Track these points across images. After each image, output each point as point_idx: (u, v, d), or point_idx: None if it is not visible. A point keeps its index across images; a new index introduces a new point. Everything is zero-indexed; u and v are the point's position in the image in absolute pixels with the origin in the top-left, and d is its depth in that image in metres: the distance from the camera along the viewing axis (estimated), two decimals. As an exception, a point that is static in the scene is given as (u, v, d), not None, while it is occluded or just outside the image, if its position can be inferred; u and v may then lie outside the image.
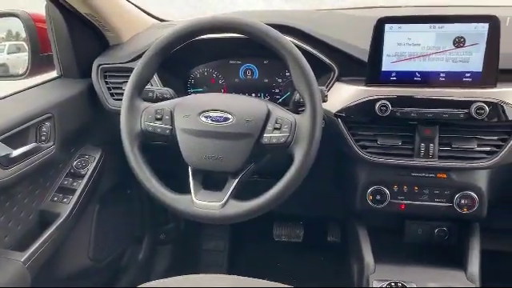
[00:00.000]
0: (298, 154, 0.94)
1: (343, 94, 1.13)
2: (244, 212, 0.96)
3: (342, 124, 1.12)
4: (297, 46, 1.13)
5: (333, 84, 1.16)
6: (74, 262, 1.35)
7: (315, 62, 1.17)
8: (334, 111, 1.12)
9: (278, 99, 1.32)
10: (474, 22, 1.00)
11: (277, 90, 1.32)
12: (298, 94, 0.98)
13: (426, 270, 1.15)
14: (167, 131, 1.01)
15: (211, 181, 1.04)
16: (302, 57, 0.95)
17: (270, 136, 0.96)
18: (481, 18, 1.00)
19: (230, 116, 0.98)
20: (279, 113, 0.99)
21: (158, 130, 1.01)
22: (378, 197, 1.16)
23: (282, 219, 1.95)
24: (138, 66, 1.02)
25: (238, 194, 1.00)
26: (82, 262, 1.37)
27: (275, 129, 0.96)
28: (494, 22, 0.99)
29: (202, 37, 1.19)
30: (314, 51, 1.17)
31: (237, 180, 0.99)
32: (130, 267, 1.63)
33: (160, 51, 1.01)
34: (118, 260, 1.59)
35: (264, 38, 0.95)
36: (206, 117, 0.99)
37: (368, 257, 1.18)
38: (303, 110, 0.96)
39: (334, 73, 1.17)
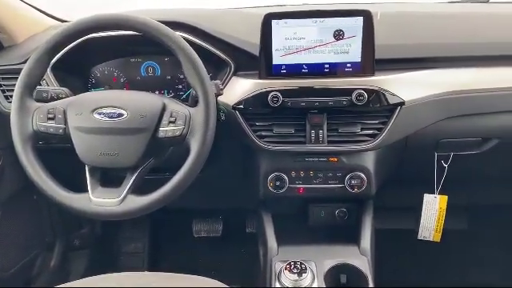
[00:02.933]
0: (194, 146, 0.98)
1: (239, 88, 1.18)
2: (143, 206, 0.98)
3: (239, 116, 1.17)
4: (193, 43, 1.18)
5: (230, 78, 1.21)
6: (-25, 274, 1.29)
7: (213, 58, 1.23)
8: (231, 104, 1.17)
9: (182, 95, 1.35)
10: (350, 16, 1.10)
11: (180, 87, 1.35)
12: None
13: (326, 249, 1.23)
14: (60, 130, 1.00)
15: (111, 178, 1.05)
16: (193, 51, 0.99)
17: (166, 130, 0.99)
18: (355, 12, 1.09)
19: (123, 112, 0.99)
20: (174, 106, 1.02)
21: (51, 130, 1.00)
22: (278, 183, 1.22)
23: (201, 216, 1.98)
24: (26, 66, 1.00)
25: (139, 189, 1.02)
26: (-16, 273, 1.32)
27: (170, 122, 0.99)
28: (367, 16, 1.09)
29: (101, 35, 1.21)
30: (211, 48, 1.22)
31: (135, 175, 1.01)
32: (41, 275, 1.58)
33: (48, 50, 1.00)
34: (28, 268, 1.54)
35: (154, 34, 0.98)
36: (100, 113, 0.99)
37: (271, 241, 1.24)
38: None
39: (231, 68, 1.22)
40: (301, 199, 1.35)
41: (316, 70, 1.15)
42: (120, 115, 0.99)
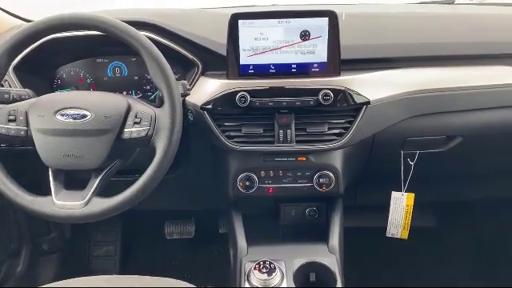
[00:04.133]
0: (160, 147, 0.97)
1: (207, 88, 1.18)
2: (108, 208, 0.96)
3: (207, 116, 1.16)
4: (160, 43, 1.17)
5: (197, 79, 1.21)
6: None
7: (180, 58, 1.22)
8: (199, 104, 1.16)
9: (150, 96, 1.34)
10: (316, 17, 1.11)
11: (148, 87, 1.33)
12: None
13: (296, 248, 1.23)
14: (22, 133, 0.98)
15: (76, 180, 1.03)
16: (158, 51, 0.98)
17: (131, 131, 0.98)
18: (320, 13, 1.10)
19: (87, 113, 0.98)
20: (139, 107, 1.01)
21: (12, 132, 0.98)
22: (248, 183, 1.22)
23: (173, 217, 1.96)
24: None
25: (105, 192, 1.00)
26: None
27: (135, 123, 0.98)
28: (332, 17, 1.10)
29: (65, 35, 1.19)
30: (178, 47, 1.21)
31: (100, 177, 0.99)
32: (7, 281, 1.54)
33: (8, 51, 0.98)
34: (-7, 275, 1.50)
35: (118, 34, 0.97)
36: (63, 115, 0.98)
37: (241, 241, 1.24)
38: None
39: (198, 68, 1.21)
40: (271, 199, 1.35)
41: (283, 70, 1.15)
42: (84, 116, 0.97)
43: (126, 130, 0.98)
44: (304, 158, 1.21)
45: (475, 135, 1.27)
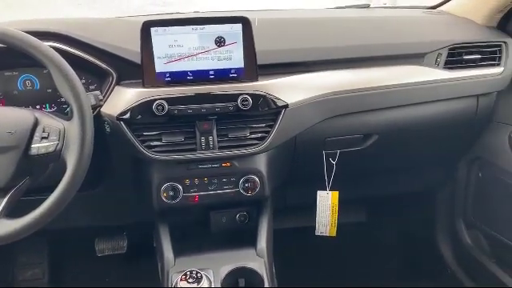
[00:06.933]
0: (70, 161, 0.93)
1: (123, 97, 1.14)
2: (17, 230, 0.90)
3: (124, 127, 1.13)
4: (69, 53, 1.13)
5: (112, 88, 1.17)
6: None
7: (93, 68, 1.18)
8: (115, 115, 1.13)
9: (66, 108, 1.28)
10: (229, 23, 1.11)
11: (62, 100, 1.27)
12: None
13: (224, 254, 1.23)
14: None
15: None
16: (63, 61, 0.95)
17: (38, 146, 0.93)
18: (233, 19, 1.11)
19: None
20: (47, 121, 0.96)
21: None
22: (172, 193, 1.20)
23: (103, 233, 1.89)
24: None
25: (13, 212, 0.94)
26: None
27: (43, 138, 0.94)
28: (245, 23, 1.11)
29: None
30: (89, 57, 1.17)
31: (7, 197, 0.93)
32: None
33: None
34: None
35: (18, 45, 0.93)
36: None
37: (167, 252, 1.22)
38: None
39: (113, 77, 1.18)
40: (200, 207, 1.34)
41: (201, 76, 1.15)
42: None
43: (33, 145, 0.93)
44: (228, 164, 1.21)
45: (389, 132, 1.33)
